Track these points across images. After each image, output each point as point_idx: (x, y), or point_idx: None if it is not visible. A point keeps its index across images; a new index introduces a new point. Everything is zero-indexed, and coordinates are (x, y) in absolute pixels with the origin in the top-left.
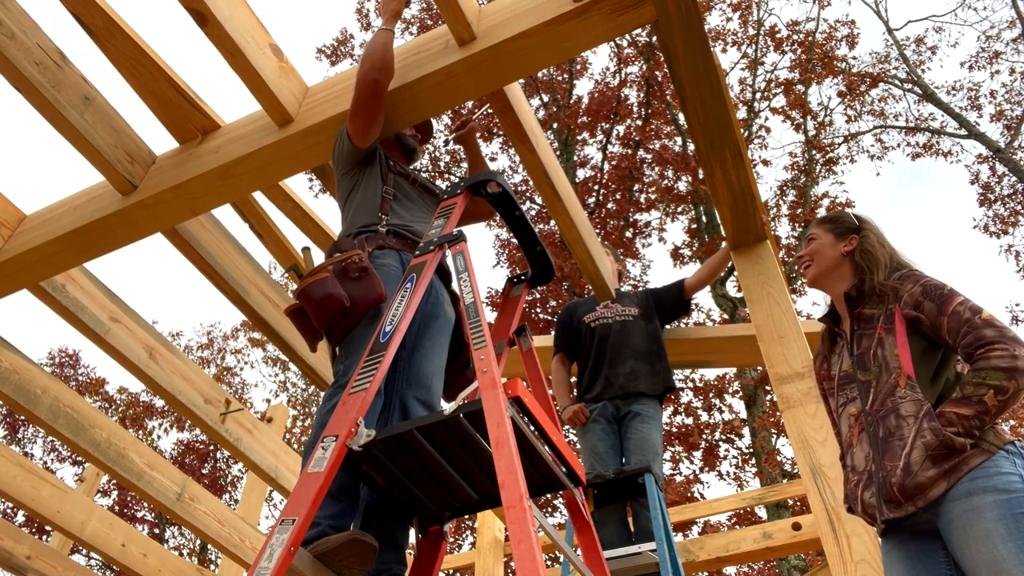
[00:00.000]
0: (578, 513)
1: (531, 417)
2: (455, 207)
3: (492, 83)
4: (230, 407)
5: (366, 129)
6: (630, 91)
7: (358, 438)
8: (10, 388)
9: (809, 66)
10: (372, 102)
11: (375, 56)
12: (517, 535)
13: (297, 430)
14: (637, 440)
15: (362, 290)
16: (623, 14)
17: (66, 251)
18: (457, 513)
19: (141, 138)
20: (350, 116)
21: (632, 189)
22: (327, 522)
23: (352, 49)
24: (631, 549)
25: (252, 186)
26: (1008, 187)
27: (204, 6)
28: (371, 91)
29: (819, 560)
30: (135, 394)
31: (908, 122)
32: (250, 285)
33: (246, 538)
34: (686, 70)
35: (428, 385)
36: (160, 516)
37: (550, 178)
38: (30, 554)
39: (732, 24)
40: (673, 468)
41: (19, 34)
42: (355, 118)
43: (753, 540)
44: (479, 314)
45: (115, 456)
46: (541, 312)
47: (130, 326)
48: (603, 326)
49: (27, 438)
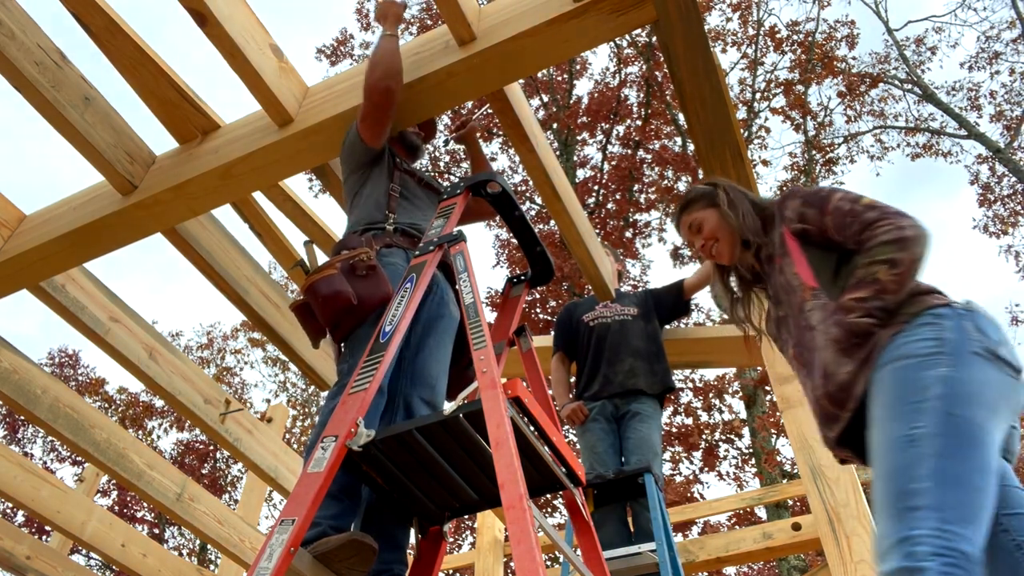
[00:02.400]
0: (578, 513)
1: (531, 417)
2: (455, 207)
3: (492, 83)
4: (230, 407)
5: (379, 133)
6: (630, 91)
7: (358, 438)
8: (10, 388)
9: (809, 66)
10: (385, 108)
11: (385, 63)
12: (517, 535)
13: (297, 430)
14: (636, 440)
15: (369, 288)
16: (623, 14)
17: (66, 251)
18: (457, 513)
19: (141, 138)
20: (362, 120)
21: (632, 189)
22: (327, 522)
23: (352, 49)
24: (631, 549)
25: (252, 186)
26: (1008, 187)
27: (204, 6)
28: (383, 98)
29: (819, 560)
30: (135, 394)
31: (908, 122)
32: (250, 285)
33: (246, 538)
34: (686, 70)
35: (432, 385)
36: (160, 516)
37: (550, 178)
38: (30, 554)
39: (732, 24)
40: (673, 468)
41: (19, 34)
42: (366, 122)
43: (753, 540)
44: (479, 314)
45: (115, 456)
46: (541, 312)
47: (130, 326)
48: (602, 325)
49: (27, 438)
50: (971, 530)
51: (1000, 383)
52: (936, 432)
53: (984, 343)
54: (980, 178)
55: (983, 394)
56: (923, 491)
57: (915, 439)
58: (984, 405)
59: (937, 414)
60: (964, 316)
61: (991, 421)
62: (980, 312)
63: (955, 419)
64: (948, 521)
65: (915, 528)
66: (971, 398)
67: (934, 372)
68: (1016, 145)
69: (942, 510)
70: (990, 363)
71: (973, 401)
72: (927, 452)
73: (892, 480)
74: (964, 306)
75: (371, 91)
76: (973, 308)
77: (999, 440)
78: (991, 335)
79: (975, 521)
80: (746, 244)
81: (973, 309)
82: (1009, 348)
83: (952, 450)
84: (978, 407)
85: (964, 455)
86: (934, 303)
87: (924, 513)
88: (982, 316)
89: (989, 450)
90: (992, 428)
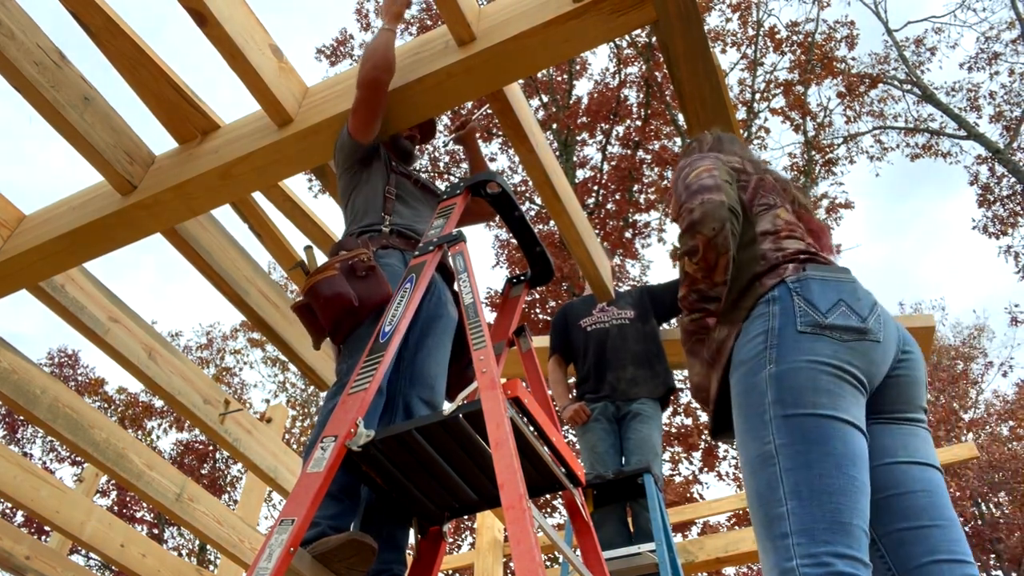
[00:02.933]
0: (577, 514)
1: (530, 418)
2: (455, 207)
3: (492, 83)
4: (229, 407)
5: (368, 126)
6: (630, 91)
7: (357, 438)
8: (9, 388)
9: (808, 67)
10: (374, 99)
11: (377, 55)
12: (516, 535)
13: (296, 430)
14: (637, 440)
15: (368, 289)
16: (623, 15)
17: (65, 251)
18: (456, 513)
19: (140, 138)
20: (352, 113)
21: (632, 189)
22: (327, 522)
23: (352, 50)
24: (630, 550)
25: (251, 186)
26: (1007, 188)
27: (204, 6)
28: (373, 88)
29: None
30: (134, 394)
31: (907, 123)
32: (249, 285)
33: (245, 538)
34: (686, 71)
35: (432, 385)
36: (159, 516)
37: (549, 178)
38: (29, 554)
39: (732, 25)
40: (672, 469)
41: (19, 34)
42: (357, 115)
43: (752, 541)
44: (478, 314)
45: (114, 456)
46: (540, 312)
47: (129, 326)
48: (599, 331)
49: (26, 438)
50: (844, 538)
51: (835, 355)
52: (782, 442)
53: (810, 318)
54: (979, 179)
55: (815, 379)
56: (786, 514)
57: (766, 456)
58: (820, 390)
59: (776, 422)
60: (795, 292)
61: (837, 400)
62: (813, 279)
63: (793, 421)
64: (820, 542)
65: (790, 559)
66: (802, 390)
67: (763, 374)
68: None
69: (811, 532)
70: (819, 338)
71: (805, 392)
72: (781, 467)
73: (758, 506)
74: (797, 278)
75: (361, 83)
76: (804, 277)
77: (858, 414)
78: (819, 304)
79: (847, 528)
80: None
81: (804, 278)
82: (847, 308)
83: (802, 458)
84: (813, 395)
85: (815, 458)
86: (767, 288)
87: (795, 540)
88: (815, 283)
89: (842, 437)
90: (841, 408)
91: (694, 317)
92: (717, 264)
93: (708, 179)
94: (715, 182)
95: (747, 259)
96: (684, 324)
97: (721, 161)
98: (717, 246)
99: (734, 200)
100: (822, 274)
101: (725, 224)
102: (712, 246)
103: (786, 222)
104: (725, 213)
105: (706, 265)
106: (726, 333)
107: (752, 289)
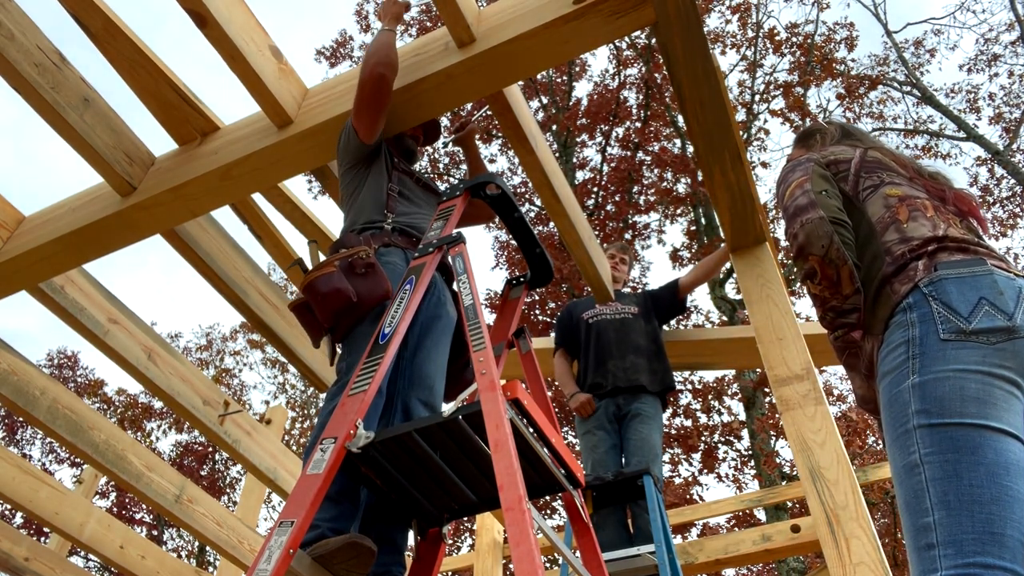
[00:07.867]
0: (577, 515)
1: (530, 419)
2: (454, 209)
3: (491, 85)
4: (229, 409)
5: (372, 124)
6: (629, 93)
7: (357, 440)
8: (9, 389)
9: (808, 68)
10: (378, 97)
11: (380, 53)
12: (516, 537)
13: (296, 432)
14: (637, 441)
15: (368, 286)
16: (623, 16)
17: (65, 252)
18: (456, 515)
19: (140, 139)
20: (355, 112)
21: (631, 191)
22: (326, 524)
23: (351, 51)
24: (630, 551)
25: (251, 188)
26: (1007, 189)
27: (204, 8)
28: (376, 86)
29: (818, 562)
30: (134, 396)
31: (907, 124)
32: (249, 287)
33: (245, 540)
34: (685, 72)
35: (431, 386)
36: (159, 518)
37: (549, 180)
38: (28, 556)
39: (731, 26)
40: (672, 470)
41: (18, 35)
42: (361, 113)
43: (752, 542)
44: (478, 316)
45: (114, 458)
46: (540, 314)
47: (129, 328)
48: (602, 321)
49: (25, 439)
50: (996, 549)
51: (983, 360)
52: (927, 452)
53: (952, 324)
54: (979, 180)
55: (963, 388)
56: (933, 524)
57: (913, 466)
58: (967, 399)
59: (920, 432)
60: (931, 296)
61: (988, 408)
62: (948, 279)
63: (939, 431)
64: (968, 553)
65: (935, 570)
66: (947, 400)
67: (907, 384)
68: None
69: (959, 543)
70: (963, 345)
71: (952, 402)
72: (927, 477)
73: (907, 515)
74: (930, 280)
75: (365, 81)
76: (938, 279)
77: (1013, 420)
78: (960, 308)
79: (999, 538)
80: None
81: (938, 280)
82: (990, 306)
83: (951, 467)
84: (960, 404)
85: (965, 468)
86: (900, 295)
87: (942, 551)
88: (950, 284)
89: (994, 446)
90: (992, 416)
91: (837, 335)
92: (840, 277)
93: (802, 198)
94: (808, 199)
95: (871, 257)
96: (832, 342)
97: (814, 163)
98: (832, 260)
99: (834, 207)
100: (956, 271)
101: (832, 237)
102: (827, 262)
103: (899, 199)
104: (828, 227)
105: (829, 282)
106: (871, 345)
107: (884, 297)
